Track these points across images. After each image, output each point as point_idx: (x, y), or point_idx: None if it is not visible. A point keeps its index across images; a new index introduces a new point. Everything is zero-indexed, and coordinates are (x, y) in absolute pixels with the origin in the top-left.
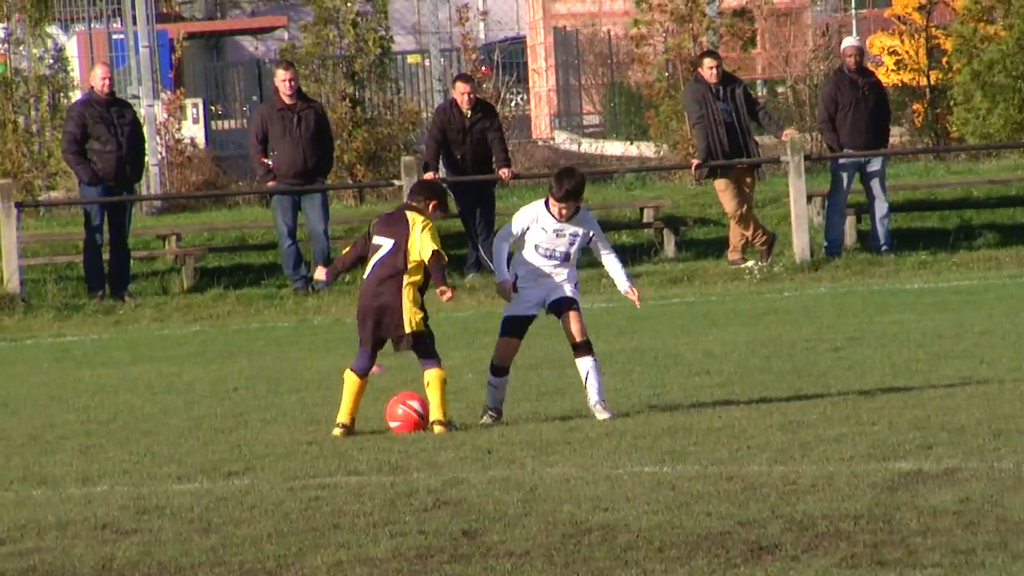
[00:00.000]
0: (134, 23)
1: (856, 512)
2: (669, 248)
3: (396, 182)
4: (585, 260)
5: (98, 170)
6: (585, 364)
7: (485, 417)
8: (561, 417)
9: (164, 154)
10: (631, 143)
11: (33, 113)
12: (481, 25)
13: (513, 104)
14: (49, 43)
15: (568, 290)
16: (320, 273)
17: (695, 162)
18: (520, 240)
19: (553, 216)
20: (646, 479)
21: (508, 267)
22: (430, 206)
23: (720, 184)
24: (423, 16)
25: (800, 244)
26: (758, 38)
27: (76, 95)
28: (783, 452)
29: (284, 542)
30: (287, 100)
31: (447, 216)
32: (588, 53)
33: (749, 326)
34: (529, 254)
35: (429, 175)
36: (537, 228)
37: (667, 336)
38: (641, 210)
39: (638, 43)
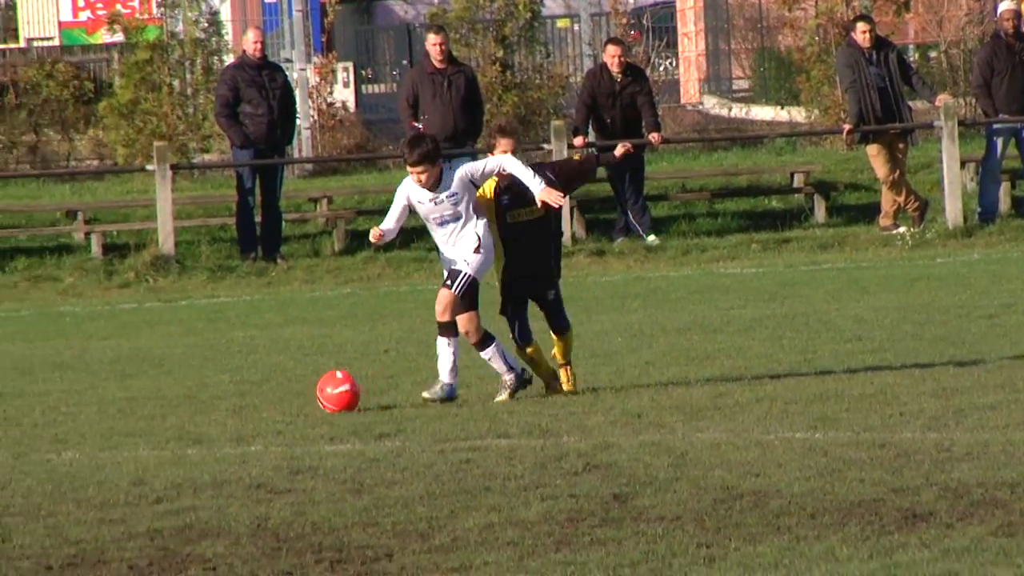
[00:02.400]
0: None
1: (1012, 480)
2: (820, 213)
3: (546, 146)
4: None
5: (250, 133)
6: (439, 344)
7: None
8: (711, 382)
9: (315, 117)
10: (781, 108)
11: (187, 76)
12: None
13: (662, 68)
14: (203, 7)
15: (460, 263)
16: None
17: (847, 127)
18: (411, 214)
19: (421, 187)
20: (797, 445)
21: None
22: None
23: (872, 149)
24: None
25: (953, 210)
26: (912, 2)
27: (229, 59)
28: (936, 419)
29: (435, 504)
30: (437, 64)
31: (596, 180)
32: (738, 17)
33: (901, 292)
34: (431, 229)
35: (578, 139)
36: (417, 205)
37: (817, 302)
38: (791, 175)
39: (790, 7)
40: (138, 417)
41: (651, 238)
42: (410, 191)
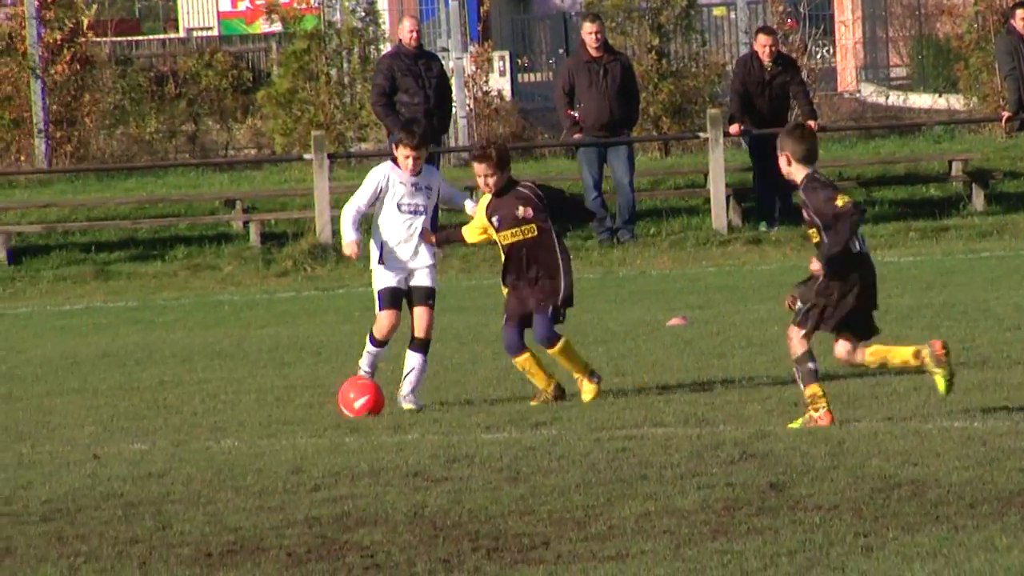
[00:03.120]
0: None
1: None
2: (978, 202)
3: (702, 135)
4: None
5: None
6: (413, 360)
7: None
8: (866, 373)
9: (471, 106)
10: (939, 95)
11: (345, 66)
12: None
13: (819, 56)
14: None
15: (427, 276)
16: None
17: (1006, 114)
18: (374, 205)
19: (407, 171)
20: (955, 434)
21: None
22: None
23: None
24: None
25: None
26: None
27: (386, 48)
28: None
29: (592, 492)
30: (593, 53)
31: (743, 169)
32: (895, 5)
33: None
34: (391, 216)
35: (734, 128)
36: (394, 187)
37: (976, 290)
38: (949, 163)
39: None
40: (296, 405)
41: (762, 226)
42: (391, 172)
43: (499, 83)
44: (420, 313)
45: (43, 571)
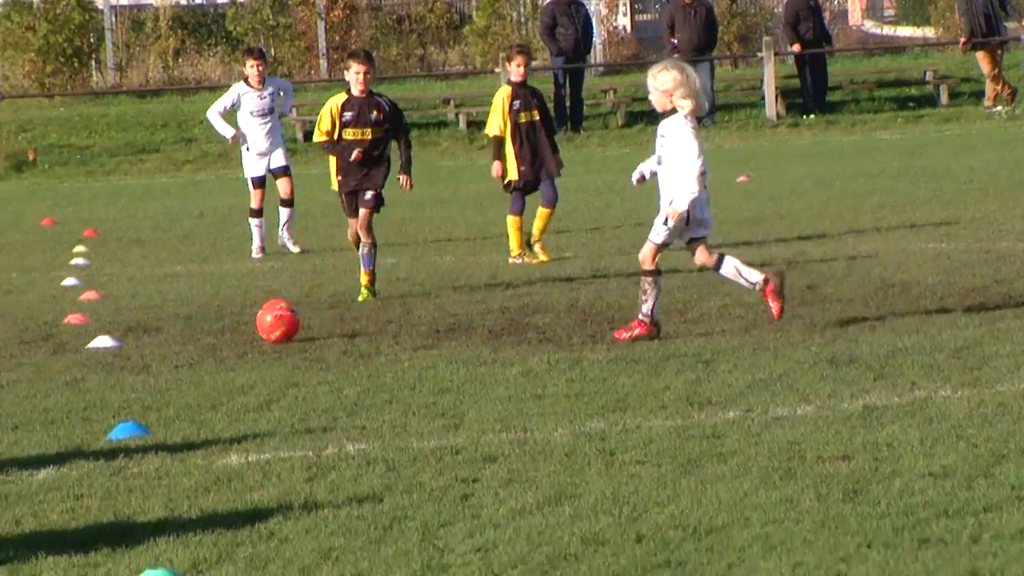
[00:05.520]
0: None
1: None
2: (943, 98)
3: (759, 54)
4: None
5: (562, 47)
6: (283, 214)
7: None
8: (871, 210)
9: (605, 36)
10: (918, 27)
11: (521, 10)
12: None
13: (836, 2)
14: None
15: (281, 156)
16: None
17: (962, 39)
18: (231, 112)
19: (252, 86)
20: (930, 252)
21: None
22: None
23: (979, 54)
24: None
25: None
26: None
27: None
28: None
29: (688, 291)
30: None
31: (786, 76)
32: None
33: (998, 151)
34: (245, 118)
35: (796, 46)
36: (246, 99)
37: (942, 157)
38: (925, 72)
39: None
40: (489, 237)
41: (811, 117)
42: (239, 90)
43: (623, 21)
44: (280, 184)
45: (331, 341)
